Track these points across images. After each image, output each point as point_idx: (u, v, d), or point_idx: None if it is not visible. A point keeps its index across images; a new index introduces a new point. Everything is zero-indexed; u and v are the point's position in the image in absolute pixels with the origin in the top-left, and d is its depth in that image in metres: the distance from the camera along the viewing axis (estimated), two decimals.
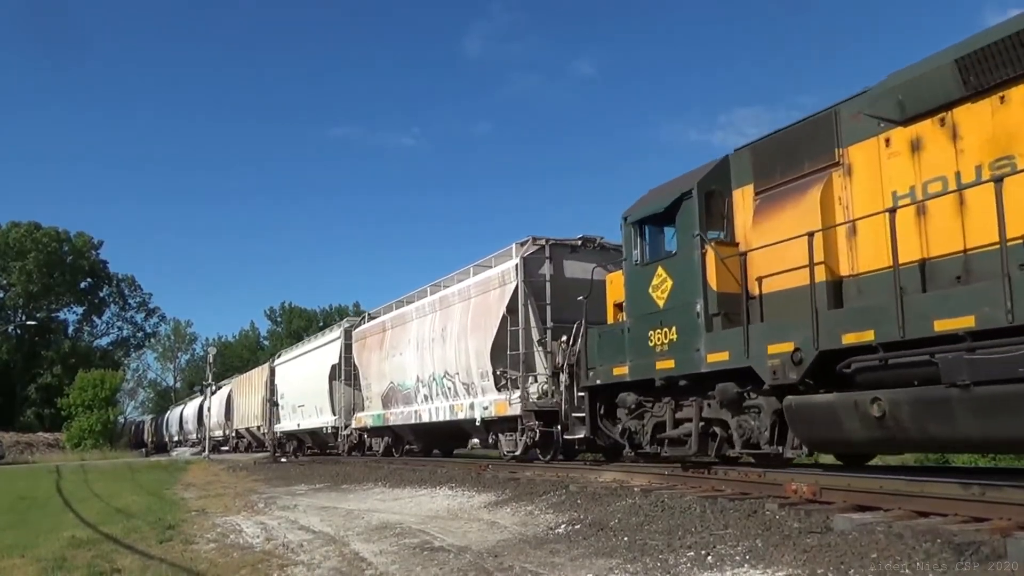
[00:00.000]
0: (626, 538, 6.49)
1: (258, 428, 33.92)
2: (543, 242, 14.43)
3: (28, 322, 64.48)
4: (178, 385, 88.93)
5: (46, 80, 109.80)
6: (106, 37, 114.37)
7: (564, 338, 12.77)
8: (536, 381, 13.93)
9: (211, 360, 43.34)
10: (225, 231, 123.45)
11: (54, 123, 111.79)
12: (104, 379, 51.29)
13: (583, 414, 11.78)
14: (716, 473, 9.47)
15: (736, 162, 9.59)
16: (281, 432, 30.47)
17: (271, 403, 31.60)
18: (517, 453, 14.56)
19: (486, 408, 15.17)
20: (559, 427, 13.05)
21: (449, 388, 16.89)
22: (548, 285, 14.18)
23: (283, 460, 27.03)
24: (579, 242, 14.67)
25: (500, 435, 15.29)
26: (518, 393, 13.89)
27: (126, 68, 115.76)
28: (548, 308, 14.05)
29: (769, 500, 7.36)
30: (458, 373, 16.34)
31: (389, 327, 20.70)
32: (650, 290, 10.18)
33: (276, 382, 31.25)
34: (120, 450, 50.05)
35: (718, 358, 8.93)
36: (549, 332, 13.70)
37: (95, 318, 74.60)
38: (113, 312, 76.16)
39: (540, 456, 14.23)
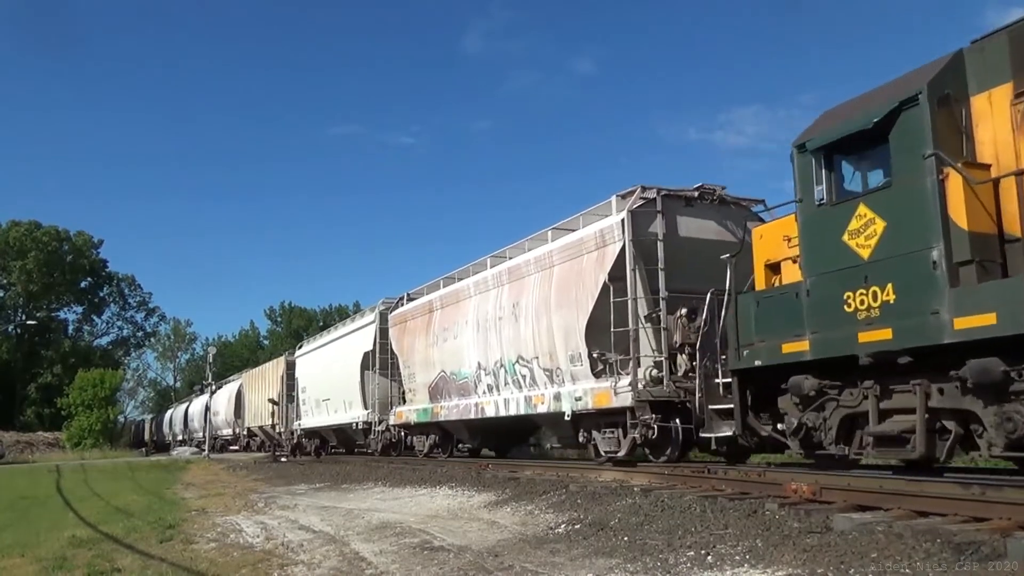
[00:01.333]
0: (626, 538, 6.49)
1: (273, 426, 31.65)
2: (654, 193, 11.66)
3: (28, 321, 64.51)
4: (178, 385, 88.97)
5: (46, 79, 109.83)
6: (106, 36, 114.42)
7: (682, 311, 10.92)
8: (639, 365, 11.33)
9: (211, 360, 43.33)
10: (225, 230, 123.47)
11: (54, 122, 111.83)
12: (104, 378, 51.25)
13: (727, 405, 9.20)
14: (716, 472, 9.47)
15: (977, 58, 7.21)
16: (301, 429, 28.21)
17: (289, 398, 29.56)
18: (621, 454, 11.77)
19: (579, 399, 12.34)
20: (677, 421, 10.84)
21: (524, 376, 13.96)
22: (660, 245, 11.40)
23: (283, 460, 26.91)
24: (695, 193, 11.96)
25: (594, 432, 12.42)
26: (626, 380, 11.22)
27: (126, 67, 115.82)
28: (661, 274, 11.30)
29: (769, 500, 7.36)
30: (537, 358, 13.47)
31: (437, 307, 17.77)
32: (845, 237, 7.67)
33: (296, 375, 29.03)
34: (120, 449, 50.05)
35: (977, 322, 6.43)
36: (664, 304, 11.15)
37: (95, 317, 74.69)
38: (113, 311, 76.25)
39: (652, 458, 11.61)
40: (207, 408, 44.36)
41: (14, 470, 30.55)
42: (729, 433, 9.43)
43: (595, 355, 12.15)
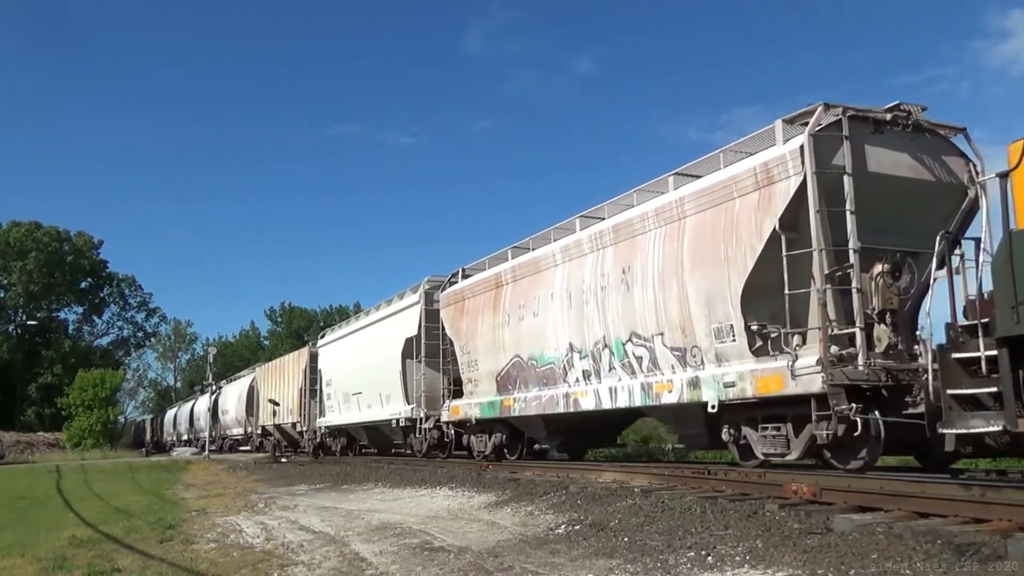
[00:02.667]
0: (626, 538, 6.49)
1: (293, 424, 28.93)
2: (839, 112, 8.89)
3: (28, 322, 64.51)
4: (178, 385, 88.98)
5: (46, 79, 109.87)
6: (106, 36, 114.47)
7: (882, 267, 8.41)
8: (805, 341, 8.94)
9: (211, 360, 43.34)
10: (225, 230, 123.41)
11: (54, 122, 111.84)
12: (104, 379, 51.24)
13: (978, 389, 6.46)
14: (716, 473, 9.47)
15: None
16: (326, 428, 25.70)
17: (312, 393, 27.06)
18: (791, 457, 9.04)
19: (730, 384, 9.49)
20: (876, 413, 8.07)
21: (640, 358, 11.15)
22: (849, 182, 8.65)
23: (283, 460, 26.85)
24: (887, 115, 9.18)
25: (745, 428, 9.65)
26: (809, 358, 8.39)
27: (127, 67, 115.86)
28: (851, 219, 8.53)
29: (769, 501, 7.36)
30: (661, 334, 10.66)
31: (508, 280, 14.85)
32: None
33: (320, 367, 26.33)
34: (120, 450, 50.05)
35: None
36: (857, 258, 8.45)
37: (95, 318, 74.64)
38: (113, 312, 76.20)
39: (836, 463, 8.77)
40: (214, 406, 42.59)
41: (14, 470, 30.55)
42: (988, 428, 6.55)
43: (754, 327, 9.35)
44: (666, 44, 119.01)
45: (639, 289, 11.14)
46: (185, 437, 51.17)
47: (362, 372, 21.67)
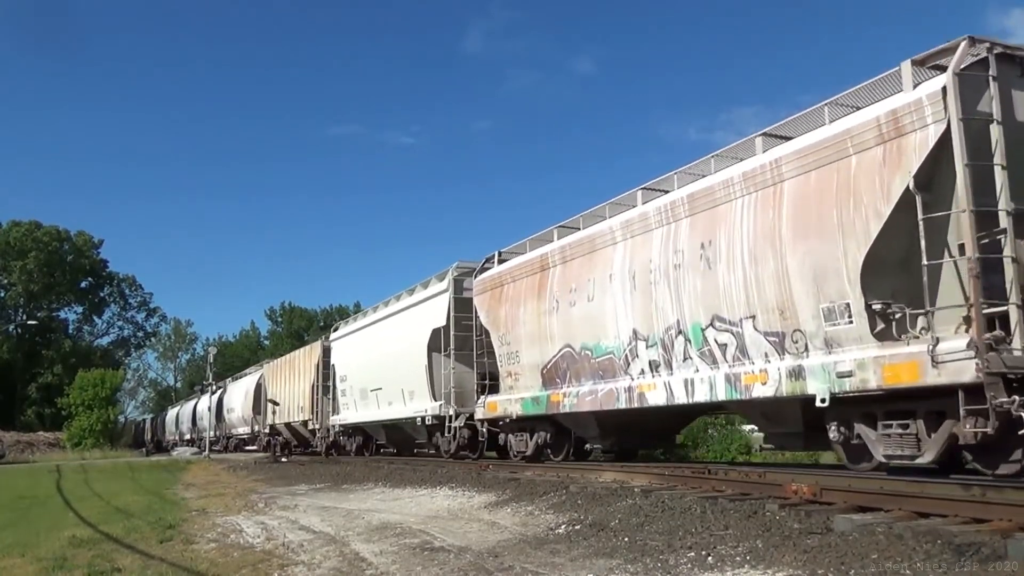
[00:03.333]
0: (626, 538, 6.50)
1: (304, 423, 27.37)
2: (984, 49, 7.41)
3: (29, 321, 64.55)
4: (178, 385, 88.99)
5: (46, 79, 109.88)
6: (106, 35, 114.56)
7: None
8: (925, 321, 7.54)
9: (211, 360, 43.32)
10: (225, 230, 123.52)
11: (54, 122, 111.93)
12: (104, 378, 51.22)
13: None
14: (716, 473, 9.47)
15: None
16: (340, 426, 24.30)
17: (324, 390, 25.64)
18: (923, 460, 7.47)
19: (846, 374, 8.00)
20: None
21: (724, 345, 9.67)
22: (998, 131, 7.20)
23: (283, 460, 26.82)
24: None
25: (860, 426, 8.13)
26: (956, 341, 6.98)
27: (127, 66, 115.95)
28: (1001, 176, 7.11)
29: (769, 501, 7.36)
30: (752, 317, 9.15)
31: (556, 262, 13.22)
32: None
33: (333, 362, 24.84)
34: (120, 450, 50.04)
35: None
36: (1011, 221, 7.02)
37: (95, 317, 74.72)
38: (113, 312, 76.30)
39: (981, 467, 7.34)
40: (219, 405, 41.37)
41: (14, 470, 30.54)
42: None
43: (876, 307, 7.89)
44: (666, 44, 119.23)
45: (723, 266, 9.58)
46: (188, 437, 49.81)
47: (382, 367, 20.16)
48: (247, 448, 35.64)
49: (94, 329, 75.36)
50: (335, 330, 26.03)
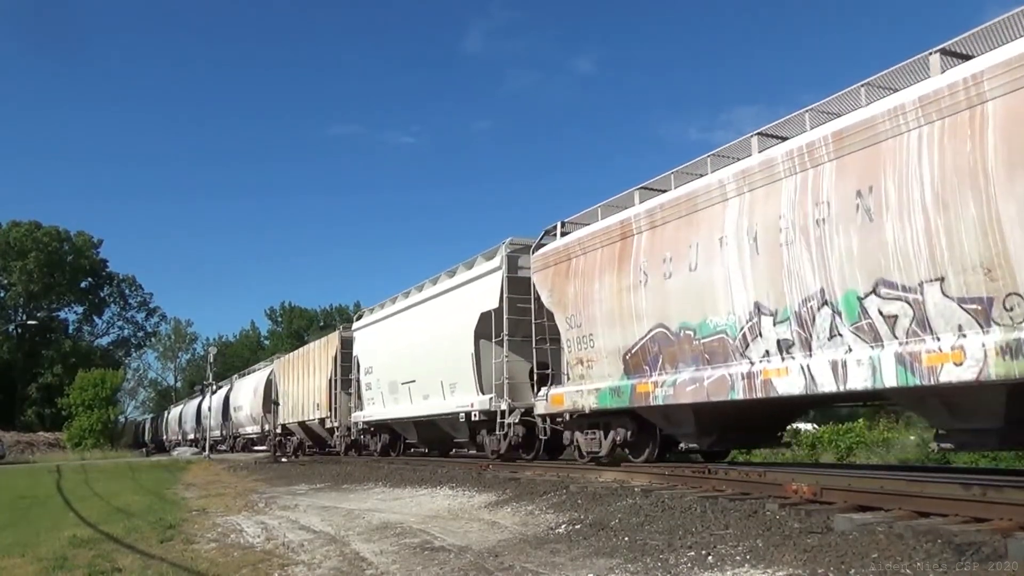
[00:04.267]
0: (627, 538, 6.50)
1: (321, 421, 25.26)
2: None
3: (29, 321, 64.56)
4: (178, 385, 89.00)
5: (46, 79, 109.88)
6: (106, 35, 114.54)
7: None
8: None
9: (211, 360, 43.31)
10: (225, 230, 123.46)
11: (54, 122, 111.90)
12: (104, 378, 51.25)
13: None
14: (716, 473, 9.47)
15: None
16: (364, 423, 21.90)
17: (344, 384, 23.63)
18: None
19: None
20: None
21: (894, 317, 7.71)
22: None
23: (283, 460, 26.82)
24: None
25: None
26: None
27: (126, 66, 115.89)
28: None
29: (769, 500, 7.37)
30: (940, 279, 7.29)
31: (643, 226, 11.15)
32: None
33: (355, 354, 22.77)
34: (120, 450, 50.07)
35: None
36: None
37: (95, 317, 74.75)
38: (114, 312, 76.35)
39: None
40: (225, 403, 39.66)
41: (15, 470, 30.55)
42: None
43: None
44: (666, 44, 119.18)
45: (892, 217, 7.70)
46: (192, 436, 47.66)
47: (416, 357, 18.12)
48: (256, 448, 33.80)
49: (94, 329, 75.49)
50: (358, 318, 23.67)
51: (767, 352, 9.08)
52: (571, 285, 12.65)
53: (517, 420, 14.20)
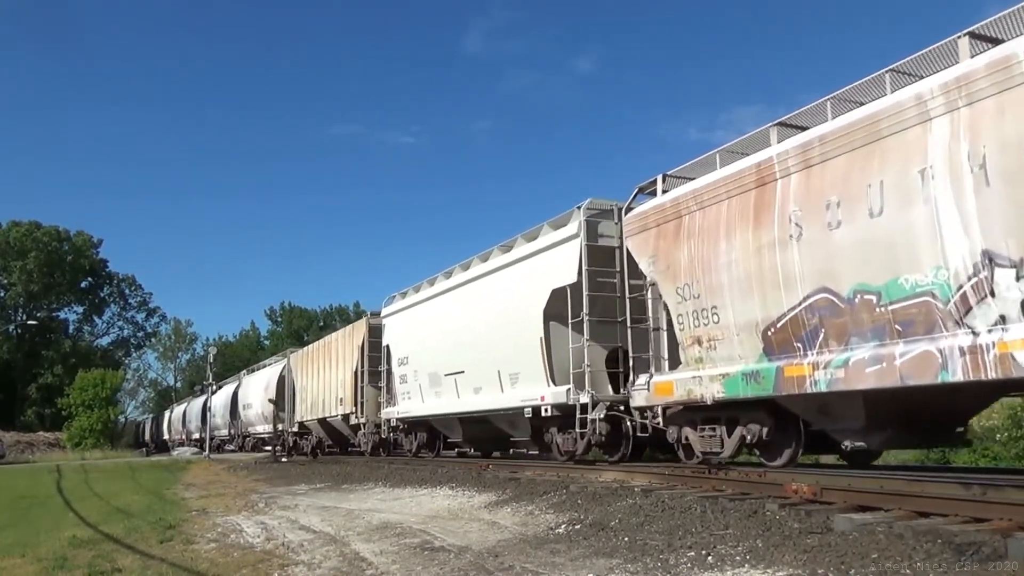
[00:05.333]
0: (626, 538, 6.50)
1: (345, 418, 22.95)
2: None
3: (29, 321, 64.60)
4: (178, 385, 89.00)
5: (46, 78, 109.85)
6: (107, 35, 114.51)
7: None
8: None
9: (211, 360, 43.32)
10: (225, 230, 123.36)
11: (54, 121, 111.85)
12: (104, 378, 51.31)
13: None
14: (716, 473, 9.47)
15: None
16: (398, 420, 19.56)
17: (371, 377, 21.26)
18: None
19: None
20: None
21: None
22: None
23: (284, 460, 26.79)
24: None
25: None
26: None
27: (127, 66, 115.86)
28: None
29: (769, 500, 7.36)
30: None
31: (792, 168, 8.92)
32: None
33: (386, 343, 20.36)
34: (120, 450, 50.10)
35: None
36: None
37: (95, 318, 74.80)
38: (113, 312, 76.38)
39: None
40: (233, 400, 37.59)
41: (14, 470, 30.57)
42: None
43: None
44: (666, 43, 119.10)
45: None
46: (196, 436, 44.96)
47: (464, 344, 15.86)
48: (267, 448, 31.76)
49: (94, 329, 75.52)
50: (387, 303, 20.94)
51: (1001, 317, 6.83)
52: (683, 248, 10.38)
53: (603, 415, 11.84)
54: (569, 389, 12.33)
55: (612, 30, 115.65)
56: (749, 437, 9.58)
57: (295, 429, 28.41)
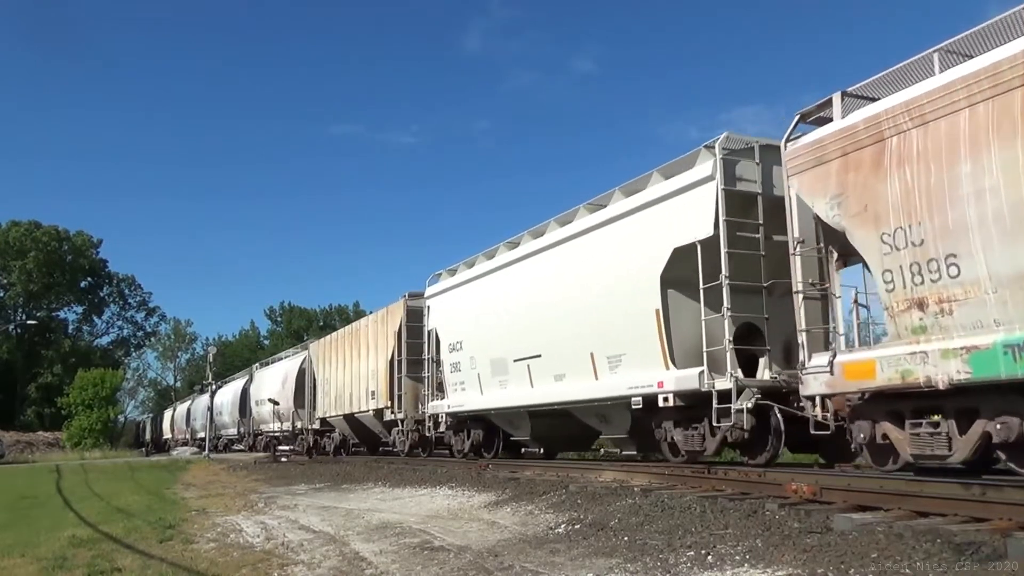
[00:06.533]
0: (626, 538, 6.50)
1: (378, 413, 20.51)
2: None
3: (28, 321, 64.58)
4: (178, 384, 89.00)
5: (46, 78, 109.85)
6: (107, 33, 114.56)
7: None
8: None
9: (211, 359, 43.31)
10: (225, 229, 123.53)
11: (54, 121, 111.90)
12: (104, 378, 51.33)
13: None
14: (716, 473, 9.47)
15: None
16: (451, 414, 16.82)
17: (410, 366, 18.80)
18: None
19: None
20: None
21: None
22: None
23: (283, 460, 26.75)
24: None
25: None
26: None
27: (126, 65, 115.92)
28: None
29: (769, 500, 7.37)
30: None
31: None
32: None
33: (433, 326, 17.67)
34: (120, 449, 50.11)
35: None
36: None
37: (95, 317, 74.90)
38: (113, 311, 76.50)
39: None
40: (243, 397, 34.96)
41: (14, 470, 30.56)
42: None
43: None
44: (666, 43, 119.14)
45: None
46: (201, 435, 41.67)
47: (543, 323, 13.27)
48: (282, 448, 29.77)
49: (94, 329, 75.60)
50: (432, 281, 18.10)
51: None
52: (891, 181, 7.87)
53: (751, 405, 9.35)
54: (702, 372, 9.78)
55: (612, 30, 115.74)
56: (1005, 436, 6.74)
57: (316, 426, 26.30)
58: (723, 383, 9.56)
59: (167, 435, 58.22)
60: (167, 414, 61.43)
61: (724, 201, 9.64)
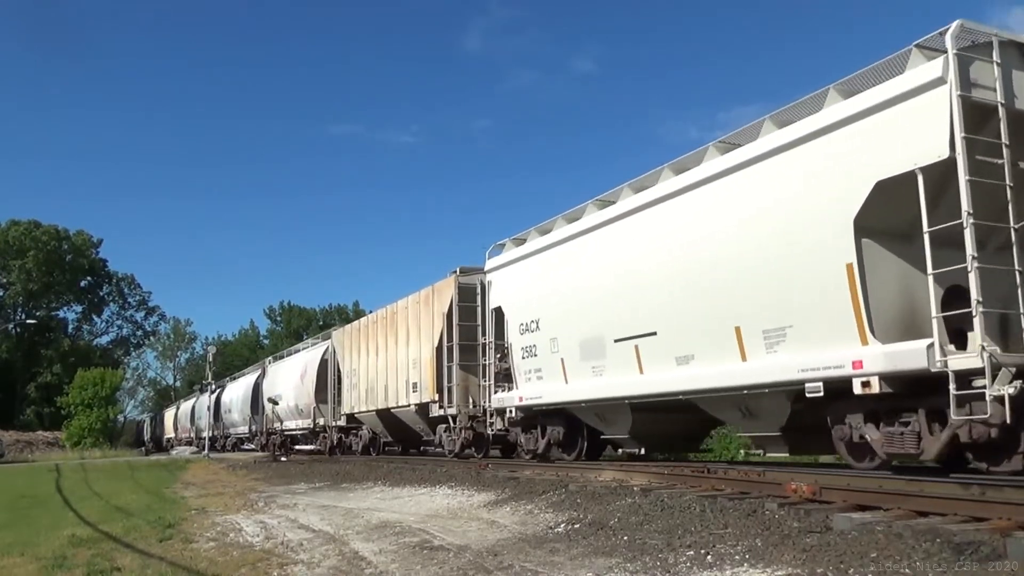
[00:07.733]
0: (626, 537, 6.49)
1: (421, 408, 17.77)
2: None
3: (28, 321, 64.59)
4: (178, 384, 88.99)
5: (46, 77, 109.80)
6: (106, 32, 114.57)
7: None
8: None
9: (211, 359, 43.30)
10: (225, 229, 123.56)
11: (54, 120, 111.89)
12: (104, 378, 51.30)
13: None
14: (716, 472, 9.47)
15: None
16: (525, 407, 13.78)
17: (463, 352, 16.11)
18: None
19: None
20: None
21: None
22: None
23: (283, 459, 26.74)
24: None
25: None
26: None
27: (126, 64, 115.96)
28: None
29: (769, 499, 7.36)
30: None
31: None
32: None
33: (497, 305, 14.67)
34: (120, 449, 50.08)
35: None
36: None
37: (95, 317, 74.90)
38: (113, 311, 76.51)
39: None
40: (255, 392, 32.37)
41: (14, 469, 30.55)
42: None
43: None
44: (666, 43, 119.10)
45: None
46: (207, 434, 38.86)
47: (659, 292, 10.47)
48: (298, 448, 27.39)
49: (93, 328, 75.59)
50: (493, 253, 15.10)
51: None
52: None
53: (1013, 391, 6.39)
54: (931, 346, 7.00)
55: (612, 29, 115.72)
56: None
57: (342, 423, 23.66)
58: (965, 360, 6.80)
59: (169, 434, 58.11)
60: (168, 413, 61.38)
61: (962, 112, 6.95)
